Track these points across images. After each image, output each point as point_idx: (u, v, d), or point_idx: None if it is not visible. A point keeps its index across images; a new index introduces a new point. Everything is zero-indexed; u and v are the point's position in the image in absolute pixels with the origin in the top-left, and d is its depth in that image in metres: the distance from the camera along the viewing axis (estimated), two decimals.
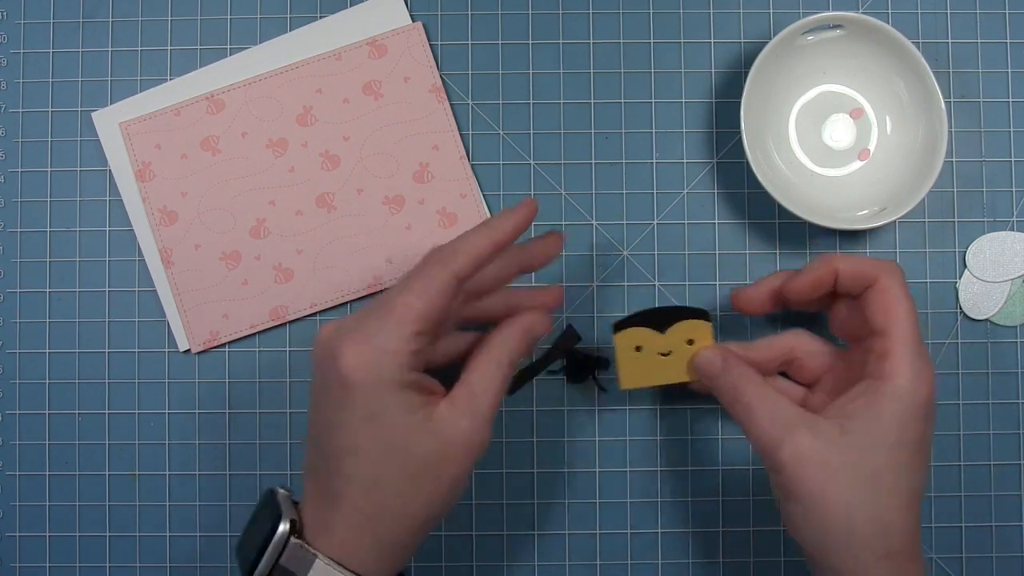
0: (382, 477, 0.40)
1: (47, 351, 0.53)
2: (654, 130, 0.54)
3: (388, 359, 0.40)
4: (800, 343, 0.47)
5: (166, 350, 0.53)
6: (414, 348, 0.40)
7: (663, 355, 0.49)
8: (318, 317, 0.53)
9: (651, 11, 0.54)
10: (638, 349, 0.49)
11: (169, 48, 0.54)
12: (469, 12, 0.54)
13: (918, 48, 0.49)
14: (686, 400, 0.53)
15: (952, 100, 0.53)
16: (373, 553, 0.41)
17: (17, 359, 0.53)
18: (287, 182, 0.53)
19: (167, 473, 0.53)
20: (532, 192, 0.53)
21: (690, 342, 0.48)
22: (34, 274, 0.53)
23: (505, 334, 0.44)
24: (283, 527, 0.40)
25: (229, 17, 0.54)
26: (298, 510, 0.42)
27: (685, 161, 0.53)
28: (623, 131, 0.53)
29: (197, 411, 0.53)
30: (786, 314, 0.53)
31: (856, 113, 0.52)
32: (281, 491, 0.43)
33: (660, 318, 0.49)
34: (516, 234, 0.43)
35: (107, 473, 0.53)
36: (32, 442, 0.53)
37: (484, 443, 0.41)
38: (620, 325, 0.49)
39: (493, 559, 0.52)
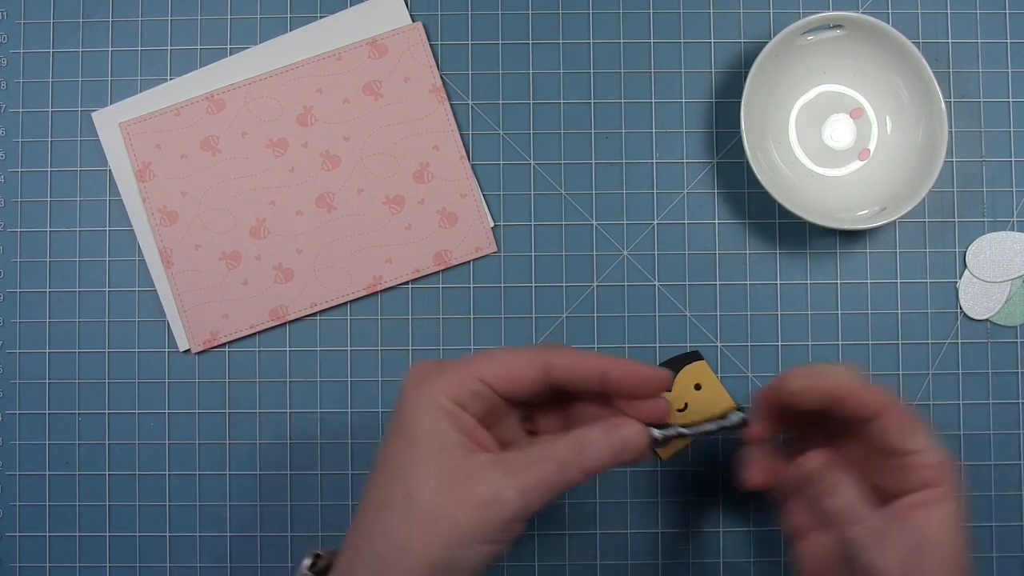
0: (391, 499, 0.38)
1: (47, 351, 0.53)
2: (654, 130, 0.53)
3: (440, 383, 0.39)
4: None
5: (166, 350, 0.53)
6: (472, 389, 0.39)
7: (680, 411, 0.51)
8: (318, 317, 0.53)
9: (651, 11, 0.54)
10: None
11: (169, 48, 0.54)
12: (469, 12, 0.54)
13: (918, 48, 0.49)
14: None
15: (952, 100, 0.53)
16: None
17: (17, 359, 0.53)
18: (287, 182, 0.53)
19: (167, 473, 0.53)
20: (532, 192, 0.53)
21: (697, 387, 0.51)
22: (34, 274, 0.53)
23: (596, 437, 0.40)
24: (306, 561, 0.42)
25: (229, 17, 0.54)
26: None
27: (685, 161, 0.53)
28: (623, 131, 0.53)
29: (197, 411, 0.53)
30: None
31: (856, 113, 0.52)
32: None
33: None
34: (628, 382, 0.40)
35: (107, 473, 0.53)
36: (32, 442, 0.53)
37: (510, 509, 0.37)
38: None
39: None
